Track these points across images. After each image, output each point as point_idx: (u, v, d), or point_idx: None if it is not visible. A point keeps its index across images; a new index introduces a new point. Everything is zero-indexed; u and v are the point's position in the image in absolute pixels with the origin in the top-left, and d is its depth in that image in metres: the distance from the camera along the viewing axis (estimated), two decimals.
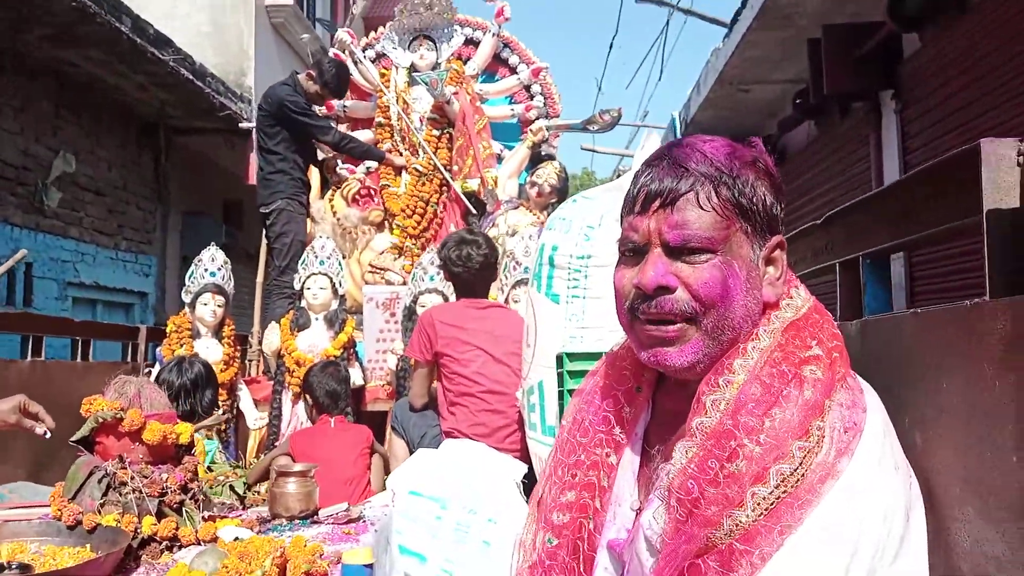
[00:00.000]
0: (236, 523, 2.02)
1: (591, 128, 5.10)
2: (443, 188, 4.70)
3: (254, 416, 3.85)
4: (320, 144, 4.74)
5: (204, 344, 3.69)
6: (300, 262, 3.96)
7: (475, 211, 4.57)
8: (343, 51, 4.97)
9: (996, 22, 4.21)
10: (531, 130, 4.85)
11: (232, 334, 3.82)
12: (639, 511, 0.97)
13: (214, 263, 3.78)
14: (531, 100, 4.99)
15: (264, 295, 4.59)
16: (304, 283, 3.85)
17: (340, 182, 4.73)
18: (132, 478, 1.85)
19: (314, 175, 4.75)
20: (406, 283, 3.98)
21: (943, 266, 4.78)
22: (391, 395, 3.75)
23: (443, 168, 4.67)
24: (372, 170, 4.81)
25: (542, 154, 4.87)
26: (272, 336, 3.91)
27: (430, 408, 3.07)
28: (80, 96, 6.40)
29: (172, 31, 6.52)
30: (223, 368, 3.64)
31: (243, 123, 7.13)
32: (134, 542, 1.75)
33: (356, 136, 4.85)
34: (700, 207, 0.90)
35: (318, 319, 3.81)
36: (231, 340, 3.79)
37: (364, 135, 4.93)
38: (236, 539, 1.85)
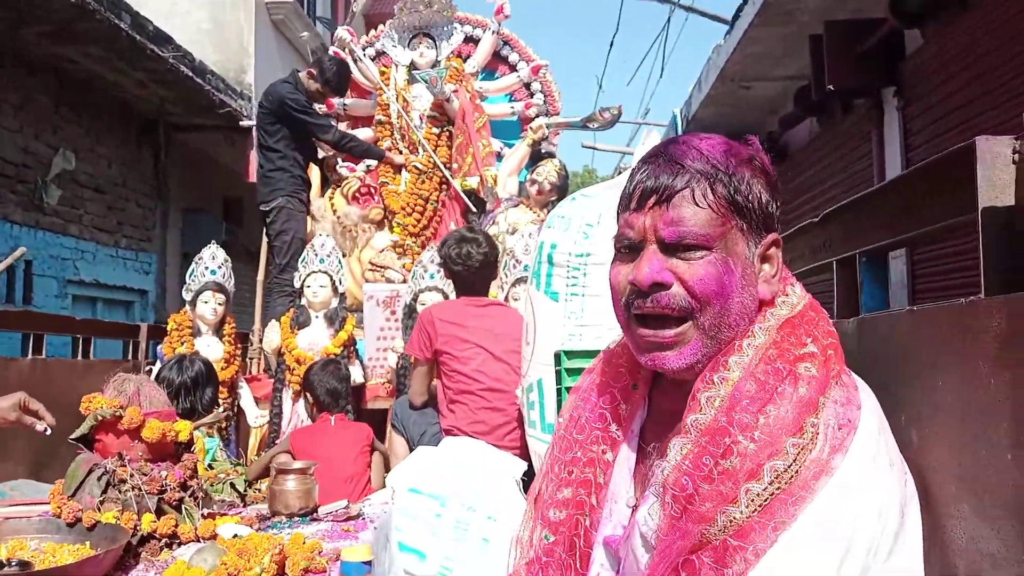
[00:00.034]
0: (235, 520, 2.03)
1: (591, 126, 5.09)
2: (443, 186, 4.70)
3: (255, 414, 3.86)
4: (320, 142, 4.74)
5: (205, 342, 3.69)
6: (300, 260, 3.96)
7: (475, 209, 4.57)
8: (343, 49, 4.96)
9: (998, 19, 4.21)
10: (531, 128, 4.84)
11: (233, 332, 3.82)
12: (635, 508, 0.97)
13: (215, 261, 3.78)
14: (531, 98, 4.98)
15: (264, 293, 4.59)
16: (304, 281, 3.85)
17: (340, 180, 4.72)
18: (131, 475, 1.85)
19: (314, 173, 4.75)
20: (406, 281, 3.98)
21: (945, 264, 4.77)
22: (391, 393, 3.75)
23: (443, 166, 4.67)
24: (372, 168, 4.80)
25: (542, 152, 4.86)
26: (272, 334, 3.92)
27: (430, 406, 3.08)
28: (80, 93, 6.40)
29: (172, 28, 6.51)
30: (224, 366, 3.64)
31: (243, 120, 7.14)
32: (133, 539, 1.76)
33: (356, 134, 4.85)
34: (696, 204, 0.90)
35: (318, 317, 3.82)
36: (232, 338, 3.80)
37: (364, 133, 4.92)
38: (235, 536, 1.85)
